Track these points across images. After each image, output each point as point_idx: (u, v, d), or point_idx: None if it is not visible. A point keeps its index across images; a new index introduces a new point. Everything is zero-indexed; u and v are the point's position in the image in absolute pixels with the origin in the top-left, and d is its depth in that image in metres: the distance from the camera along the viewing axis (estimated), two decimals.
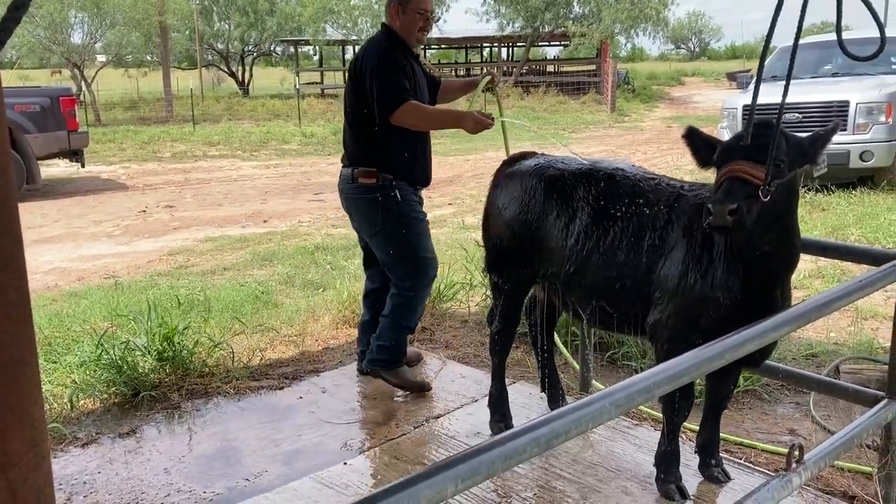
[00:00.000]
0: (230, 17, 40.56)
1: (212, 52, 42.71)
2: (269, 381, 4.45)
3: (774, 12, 2.12)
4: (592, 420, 1.68)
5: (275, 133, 21.40)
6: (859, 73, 10.66)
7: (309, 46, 42.19)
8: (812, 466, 2.43)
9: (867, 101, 10.00)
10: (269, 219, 10.42)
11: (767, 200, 2.34)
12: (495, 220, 3.46)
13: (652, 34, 35.22)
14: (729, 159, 2.43)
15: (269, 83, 46.46)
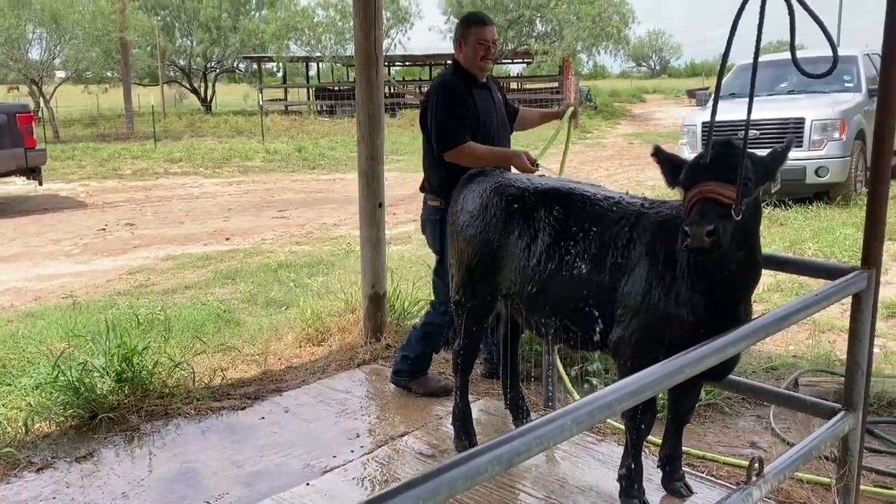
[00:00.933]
0: (192, 33, 40.30)
1: (174, 68, 42.36)
2: (231, 401, 4.38)
3: (729, 35, 2.16)
4: (553, 438, 1.68)
5: (238, 150, 21.23)
6: (814, 91, 10.91)
7: (272, 63, 42.03)
8: (772, 479, 2.46)
9: (822, 118, 10.24)
10: (232, 236, 10.32)
11: (739, 220, 2.36)
12: (456, 237, 3.46)
13: (613, 52, 35.80)
14: (698, 180, 2.43)
15: (232, 100, 46.19)
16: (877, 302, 2.87)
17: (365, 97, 5.08)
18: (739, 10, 2.09)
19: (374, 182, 5.18)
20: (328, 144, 22.75)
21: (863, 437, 2.98)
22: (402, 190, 14.47)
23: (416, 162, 19.09)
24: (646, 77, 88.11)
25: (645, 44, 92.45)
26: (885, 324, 5.65)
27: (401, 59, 40.06)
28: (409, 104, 35.60)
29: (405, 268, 7.60)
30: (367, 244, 5.24)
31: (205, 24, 39.46)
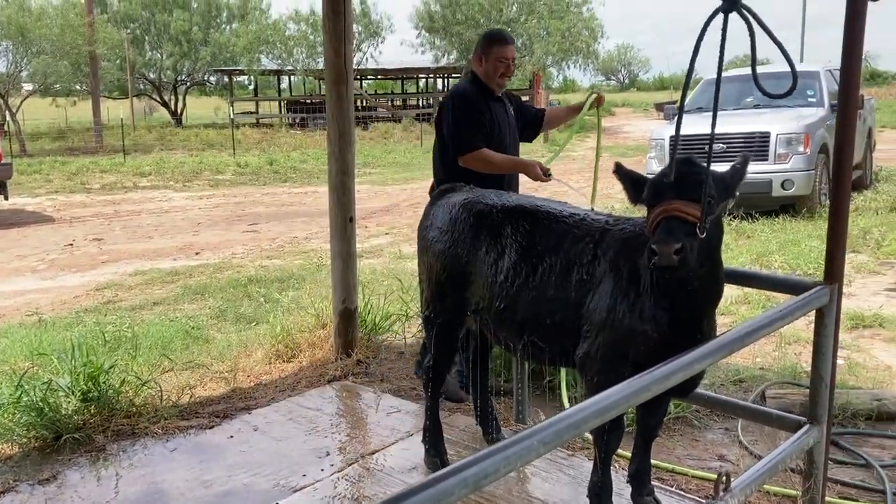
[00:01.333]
0: (162, 46, 40.04)
1: (144, 81, 42.01)
2: (199, 419, 4.33)
3: (693, 53, 2.19)
4: (521, 458, 1.68)
5: (208, 163, 21.09)
6: (779, 105, 11.09)
7: (244, 76, 41.85)
8: (739, 493, 2.48)
9: (786, 132, 10.41)
10: (202, 251, 10.22)
11: (703, 237, 2.39)
12: (425, 253, 3.46)
13: (582, 66, 36.12)
14: (662, 198, 2.45)
15: (203, 113, 45.91)
16: (839, 316, 2.92)
17: (335, 112, 5.08)
18: (702, 30, 2.12)
19: (344, 196, 5.16)
20: (300, 157, 22.69)
21: (827, 449, 3.02)
22: (375, 203, 14.47)
23: (387, 175, 19.15)
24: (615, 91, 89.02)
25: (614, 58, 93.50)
26: (850, 335, 5.74)
27: (373, 73, 40.09)
28: (381, 117, 35.66)
29: (377, 281, 7.58)
30: (337, 259, 5.22)
31: (175, 37, 39.23)
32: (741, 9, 2.05)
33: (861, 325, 5.95)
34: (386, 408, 4.45)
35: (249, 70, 36.39)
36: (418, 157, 23.46)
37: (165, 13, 39.58)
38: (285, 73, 38.59)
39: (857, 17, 2.68)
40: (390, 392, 4.70)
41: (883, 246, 8.30)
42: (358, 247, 5.44)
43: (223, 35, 40.07)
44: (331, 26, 4.98)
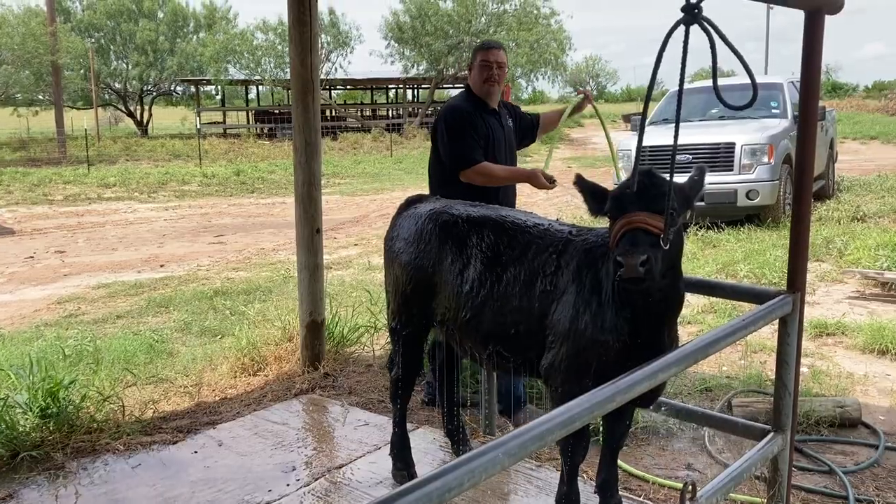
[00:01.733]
0: (128, 56, 39.64)
1: (109, 91, 41.52)
2: (163, 435, 4.24)
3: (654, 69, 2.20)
4: (485, 471, 1.66)
5: (174, 174, 20.86)
6: (744, 116, 11.26)
7: (211, 86, 41.56)
8: (705, 502, 2.48)
9: (751, 142, 10.57)
10: (167, 263, 10.09)
11: (667, 248, 2.40)
12: (391, 264, 3.45)
13: (551, 78, 36.41)
14: (625, 210, 2.45)
15: (170, 123, 45.48)
16: (802, 325, 2.94)
17: (302, 123, 5.05)
18: (664, 42, 2.13)
19: (311, 208, 5.12)
20: (268, 168, 22.54)
21: (791, 456, 3.04)
22: (344, 213, 14.40)
23: (356, 185, 19.09)
24: None
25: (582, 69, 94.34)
26: (813, 343, 5.82)
27: (342, 83, 40.07)
28: (351, 127, 35.60)
29: (345, 293, 7.52)
30: (304, 271, 5.17)
31: (141, 46, 38.88)
32: (702, 21, 2.06)
33: (824, 333, 6.03)
34: (353, 421, 4.40)
35: (216, 80, 36.14)
36: (388, 168, 23.44)
37: (131, 22, 39.22)
38: (253, 82, 38.38)
39: (816, 30, 2.73)
40: (358, 405, 4.65)
41: (845, 255, 8.44)
42: (326, 258, 5.40)
43: (190, 45, 39.79)
44: (296, 36, 4.95)
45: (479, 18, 34.21)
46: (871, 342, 5.65)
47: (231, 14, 43.11)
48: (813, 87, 2.81)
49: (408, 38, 34.93)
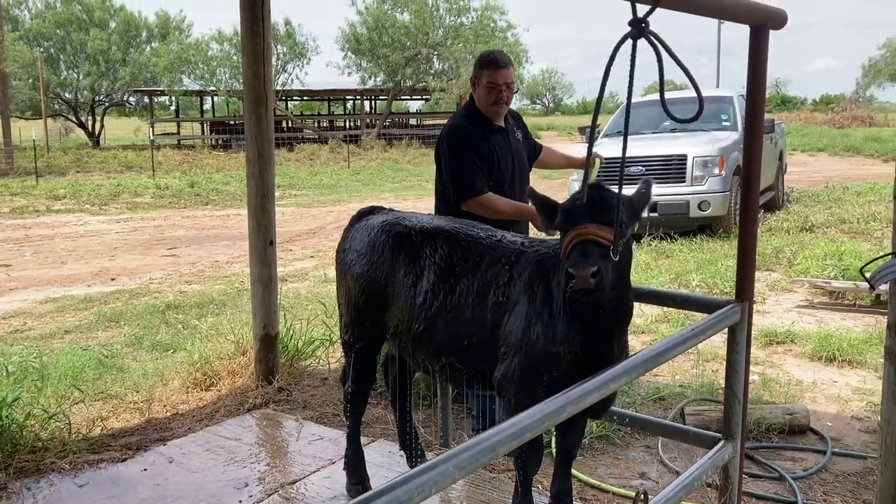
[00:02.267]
0: (79, 65, 38.93)
1: (59, 101, 40.70)
2: (111, 453, 4.14)
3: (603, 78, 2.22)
4: (435, 485, 1.64)
5: (127, 185, 20.51)
6: (695, 129, 11.47)
7: (165, 97, 40.99)
8: None
9: (702, 154, 10.76)
10: (118, 276, 9.89)
11: (617, 260, 2.42)
12: (343, 276, 3.42)
13: None
14: (575, 222, 2.48)
15: (123, 134, 44.72)
16: (750, 334, 2.99)
17: (255, 133, 5.00)
18: (611, 56, 2.15)
19: (264, 219, 5.07)
20: (222, 179, 22.29)
21: (741, 463, 3.08)
22: (300, 225, 14.29)
23: (312, 197, 18.96)
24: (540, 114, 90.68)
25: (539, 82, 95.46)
26: (764, 351, 5.93)
27: (298, 94, 39.85)
28: (308, 139, 35.40)
29: (301, 306, 7.45)
30: (257, 283, 5.11)
31: (92, 56, 38.23)
32: (649, 35, 2.09)
33: (774, 341, 6.14)
34: (308, 435, 4.35)
35: (170, 90, 35.69)
36: (345, 179, 23.35)
37: (81, 32, 38.54)
38: (208, 93, 37.99)
39: (760, 44, 2.79)
40: (313, 419, 4.60)
41: (794, 264, 8.63)
42: (282, 270, 5.35)
43: (143, 55, 39.24)
44: (249, 47, 4.91)
45: (437, 31, 34.37)
46: (819, 350, 5.77)
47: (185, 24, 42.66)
48: (758, 100, 2.87)
49: (365, 50, 34.92)
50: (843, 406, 4.85)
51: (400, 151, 31.00)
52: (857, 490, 3.75)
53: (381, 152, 30.89)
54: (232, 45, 33.54)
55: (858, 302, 7.22)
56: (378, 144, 32.20)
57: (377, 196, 18.29)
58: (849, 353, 5.67)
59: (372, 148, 31.82)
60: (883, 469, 2.70)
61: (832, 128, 37.22)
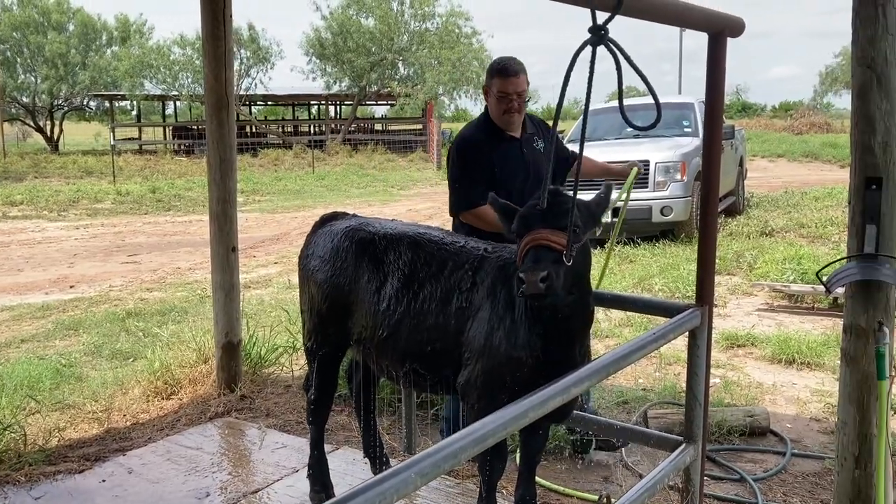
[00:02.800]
0: (36, 69, 38.20)
1: (16, 105, 39.86)
2: (68, 464, 4.05)
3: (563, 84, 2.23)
4: (397, 492, 1.63)
5: (86, 191, 20.15)
6: (657, 135, 11.59)
7: (126, 101, 40.36)
8: None
9: (664, 160, 10.89)
10: (77, 284, 9.70)
11: (570, 265, 2.43)
12: (306, 282, 3.40)
13: (474, 96, 36.76)
14: (530, 228, 2.50)
15: (83, 139, 44.01)
16: (710, 337, 3.03)
17: (216, 139, 4.94)
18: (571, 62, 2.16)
19: (226, 225, 5.01)
20: (185, 185, 22.01)
21: (703, 466, 3.12)
22: (264, 231, 14.17)
23: (277, 202, 18.80)
24: None
25: None
26: (725, 355, 6.01)
27: (262, 99, 39.50)
28: (272, 144, 35.14)
29: (264, 313, 7.39)
30: (219, 290, 5.05)
31: (51, 59, 37.52)
32: (608, 42, 2.10)
33: (735, 344, 6.23)
34: (271, 444, 4.30)
35: (132, 95, 35.14)
36: (310, 185, 23.21)
37: (39, 35, 37.79)
38: (170, 98, 37.53)
39: (718, 51, 2.83)
40: (276, 427, 4.55)
41: (755, 268, 8.77)
42: (245, 277, 5.30)
43: (103, 58, 38.59)
44: (211, 51, 4.85)
45: (402, 36, 34.36)
46: (778, 352, 5.87)
47: (146, 28, 42.08)
48: (717, 106, 2.92)
49: (330, 55, 34.77)
50: (802, 408, 4.94)
51: (365, 157, 30.91)
52: (815, 490, 3.82)
53: (347, 157, 30.77)
54: (194, 50, 33.14)
55: (817, 305, 7.36)
56: (343, 150, 32.06)
57: (342, 202, 18.21)
58: (807, 356, 5.77)
59: (337, 153, 31.68)
60: (840, 469, 2.76)
61: (791, 134, 37.92)
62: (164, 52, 34.48)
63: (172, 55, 34.46)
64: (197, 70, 32.84)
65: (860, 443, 2.67)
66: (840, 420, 2.75)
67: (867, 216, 2.59)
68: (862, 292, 2.63)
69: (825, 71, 57.83)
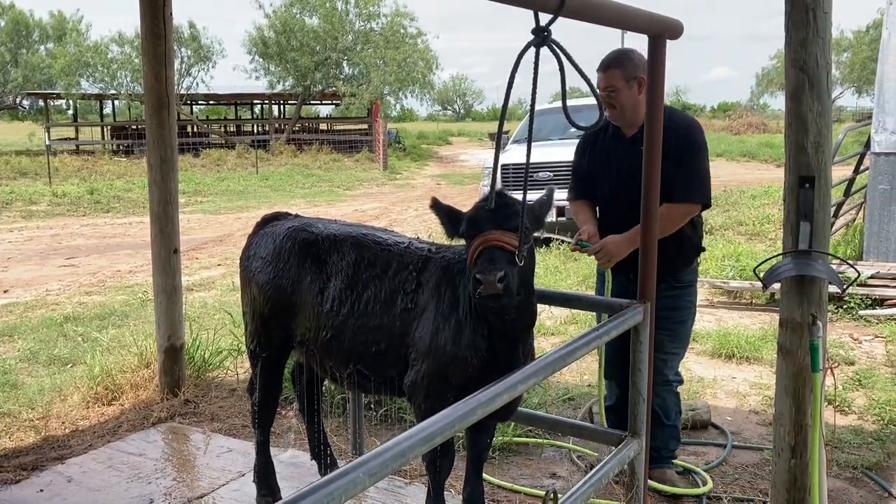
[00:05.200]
0: None
1: None
2: (4, 474, 3.93)
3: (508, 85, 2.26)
4: (346, 493, 1.63)
5: (20, 193, 19.52)
6: None
7: (61, 100, 39.22)
8: None
9: None
10: (11, 288, 9.39)
11: (522, 265, 2.46)
12: (248, 284, 3.36)
13: (420, 96, 36.81)
14: (481, 229, 2.52)
15: (16, 139, 42.52)
16: (653, 333, 3.09)
17: (157, 139, 4.85)
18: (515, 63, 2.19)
19: (167, 227, 4.92)
20: (124, 186, 21.49)
21: (647, 459, 3.18)
22: (207, 232, 13.93)
23: (219, 203, 18.49)
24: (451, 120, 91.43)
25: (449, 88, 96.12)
26: None
27: (204, 98, 38.81)
28: (214, 144, 34.55)
29: (208, 316, 7.27)
30: (161, 293, 4.95)
31: None
32: (551, 44, 2.13)
33: None
34: (216, 448, 4.24)
35: (67, 94, 34.15)
36: (254, 185, 22.90)
37: None
38: (108, 97, 36.57)
39: (658, 53, 2.88)
40: (221, 431, 4.49)
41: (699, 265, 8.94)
42: (188, 279, 5.20)
43: (36, 56, 37.44)
44: (150, 49, 4.76)
45: (346, 35, 34.13)
46: (719, 348, 6.01)
47: (83, 25, 40.95)
48: (657, 106, 2.97)
49: (273, 54, 34.33)
50: (741, 401, 5.07)
51: (310, 157, 30.61)
52: (754, 480, 3.93)
53: (291, 157, 30.42)
54: (133, 48, 32.37)
55: (755, 301, 7.57)
56: (287, 150, 31.69)
57: (287, 202, 18.01)
58: (746, 350, 5.93)
59: (281, 153, 31.30)
60: (777, 459, 2.84)
61: (729, 134, 38.89)
62: (102, 51, 33.60)
63: (110, 53, 33.61)
64: (136, 69, 32.08)
65: (796, 433, 2.76)
66: (777, 412, 2.84)
67: (801, 214, 2.67)
68: (796, 287, 2.71)
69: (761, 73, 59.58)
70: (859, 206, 10.36)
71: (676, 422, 3.88)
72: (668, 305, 3.56)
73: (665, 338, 3.64)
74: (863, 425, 4.62)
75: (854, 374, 5.45)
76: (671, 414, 3.84)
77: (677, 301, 3.68)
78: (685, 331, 3.81)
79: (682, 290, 3.71)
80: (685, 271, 3.72)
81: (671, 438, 3.87)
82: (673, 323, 3.68)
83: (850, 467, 4.04)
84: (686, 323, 3.78)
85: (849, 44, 52.19)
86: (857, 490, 3.82)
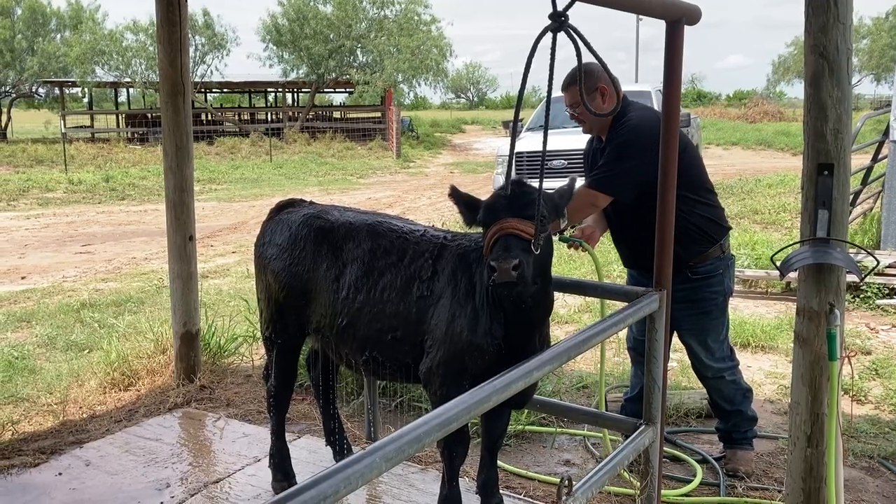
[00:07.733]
0: None
1: None
2: (23, 457, 3.98)
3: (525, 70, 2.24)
4: (362, 477, 1.64)
5: (37, 180, 19.67)
6: None
7: (77, 88, 39.36)
8: (581, 496, 2.55)
9: None
10: (28, 275, 9.48)
11: (538, 254, 2.45)
12: (263, 271, 3.37)
13: (433, 84, 36.68)
14: (497, 217, 2.52)
15: (32, 126, 42.86)
16: (669, 321, 3.08)
17: (172, 126, 4.87)
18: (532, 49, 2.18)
19: (183, 214, 4.94)
20: (139, 173, 21.61)
21: (661, 448, 3.17)
22: (222, 220, 13.99)
23: (234, 191, 18.56)
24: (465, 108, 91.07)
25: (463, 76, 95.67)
26: None
27: (218, 86, 38.86)
28: (228, 132, 34.63)
29: (223, 302, 7.31)
30: (177, 280, 4.98)
31: None
32: (568, 29, 2.12)
33: None
34: (231, 434, 4.27)
35: (83, 82, 34.24)
36: (268, 173, 22.96)
37: None
38: (123, 85, 36.68)
39: (676, 39, 2.86)
40: (236, 417, 4.52)
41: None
42: (203, 266, 5.23)
43: (52, 44, 37.55)
44: (165, 37, 4.77)
45: (360, 23, 34.04)
46: (734, 337, 5.97)
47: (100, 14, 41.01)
48: (674, 92, 2.94)
49: (287, 42, 34.31)
50: (756, 389, 5.03)
51: (324, 145, 30.64)
52: (769, 469, 3.92)
53: (305, 146, 30.46)
54: (148, 36, 32.42)
55: (770, 289, 7.52)
56: (301, 138, 31.73)
57: (301, 190, 18.05)
58: (762, 339, 5.90)
59: (295, 141, 31.34)
60: (793, 448, 2.83)
61: (745, 122, 38.58)
62: (117, 39, 33.66)
63: (125, 41, 33.67)
64: (150, 56, 32.16)
65: (812, 422, 2.74)
66: (793, 401, 2.82)
67: (819, 201, 2.65)
68: (814, 276, 2.69)
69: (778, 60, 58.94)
70: (877, 195, 10.27)
71: (742, 406, 3.94)
72: (685, 297, 3.61)
73: (690, 334, 3.76)
74: (879, 415, 4.59)
75: (871, 363, 5.41)
76: (735, 399, 3.92)
77: (695, 293, 3.70)
78: (709, 321, 3.79)
79: (700, 282, 3.71)
80: (703, 263, 3.71)
81: (741, 420, 3.94)
82: (693, 315, 3.72)
83: (867, 457, 4.02)
84: (710, 314, 3.77)
85: (868, 31, 51.50)
86: (873, 479, 3.80)
